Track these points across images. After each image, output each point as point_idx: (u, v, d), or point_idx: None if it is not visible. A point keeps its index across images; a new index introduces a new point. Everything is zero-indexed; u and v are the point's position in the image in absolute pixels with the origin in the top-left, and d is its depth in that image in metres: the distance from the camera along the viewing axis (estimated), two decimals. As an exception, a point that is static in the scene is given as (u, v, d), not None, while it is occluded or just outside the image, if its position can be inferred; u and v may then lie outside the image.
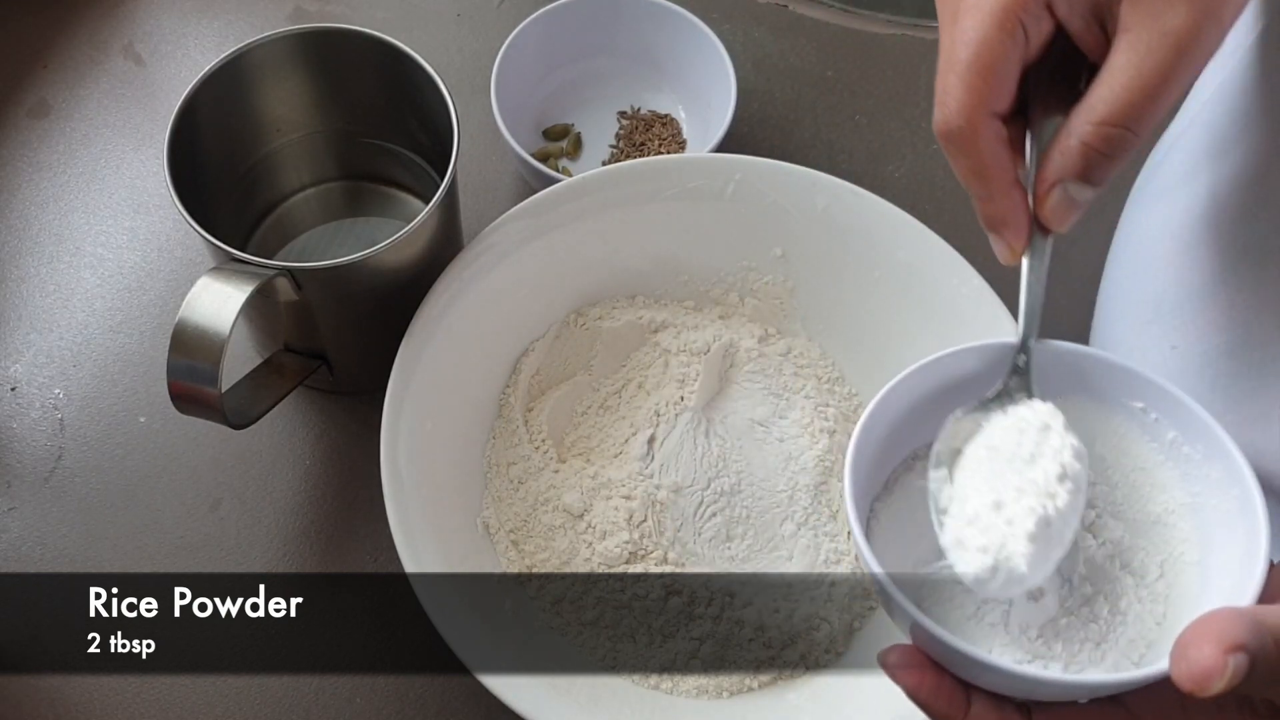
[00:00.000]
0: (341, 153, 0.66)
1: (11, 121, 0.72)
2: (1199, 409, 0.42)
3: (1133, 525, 0.44)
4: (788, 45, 0.76)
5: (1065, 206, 0.40)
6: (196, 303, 0.50)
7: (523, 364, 0.59)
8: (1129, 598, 0.42)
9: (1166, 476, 0.44)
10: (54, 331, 0.65)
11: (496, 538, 0.56)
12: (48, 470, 0.61)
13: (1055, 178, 0.40)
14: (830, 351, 0.61)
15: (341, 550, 0.59)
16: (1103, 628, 0.42)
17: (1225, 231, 0.50)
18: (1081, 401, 0.44)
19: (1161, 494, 0.44)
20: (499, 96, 0.67)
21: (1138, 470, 0.44)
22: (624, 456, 0.56)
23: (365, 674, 0.56)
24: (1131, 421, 0.44)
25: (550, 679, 0.50)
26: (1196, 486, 0.43)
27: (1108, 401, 0.44)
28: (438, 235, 0.57)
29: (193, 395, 0.51)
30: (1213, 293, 0.50)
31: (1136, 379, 0.43)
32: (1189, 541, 0.43)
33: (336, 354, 0.60)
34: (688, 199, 0.60)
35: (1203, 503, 0.42)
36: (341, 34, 0.59)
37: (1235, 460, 0.41)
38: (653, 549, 0.54)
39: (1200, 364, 0.50)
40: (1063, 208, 0.40)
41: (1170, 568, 0.43)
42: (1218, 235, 0.51)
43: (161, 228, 0.68)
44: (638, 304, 0.62)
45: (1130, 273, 0.57)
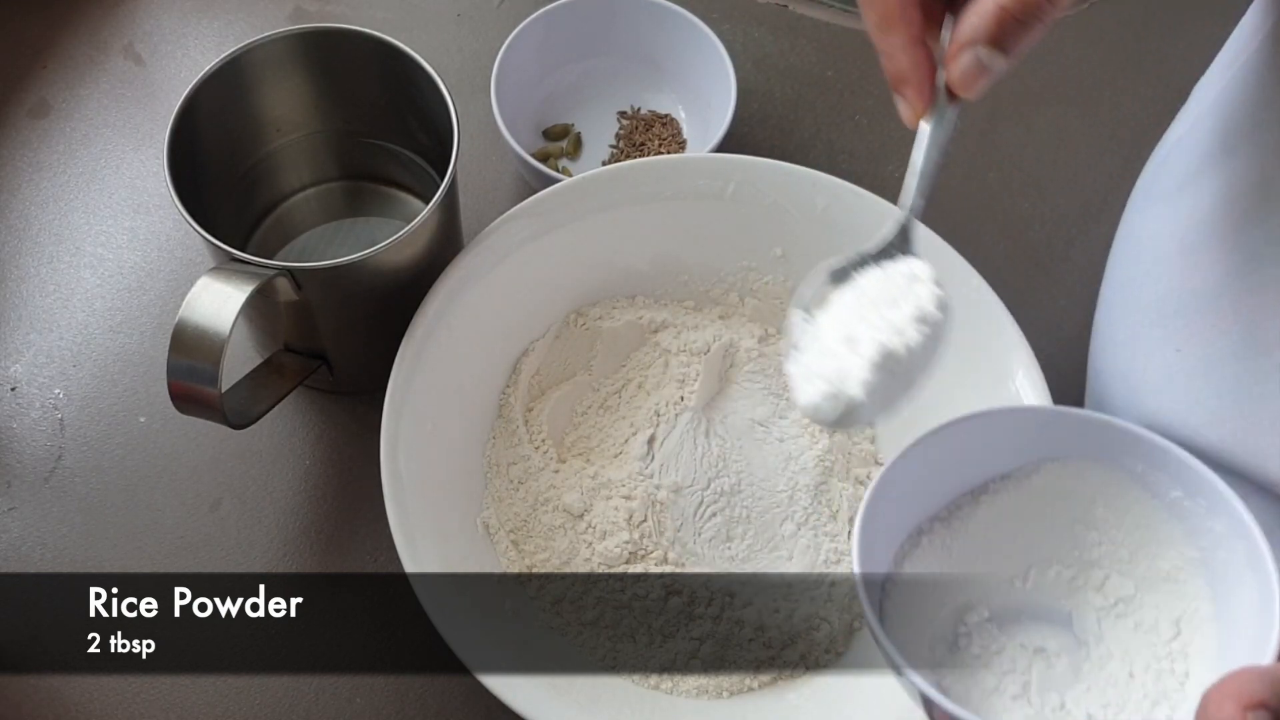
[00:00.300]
0: (341, 153, 0.66)
1: (11, 121, 0.72)
2: (1198, 464, 0.42)
3: (1143, 583, 0.44)
4: (788, 45, 0.76)
5: (975, 70, 0.39)
6: (196, 303, 0.50)
7: (523, 364, 0.59)
8: (1146, 657, 0.42)
9: (1172, 532, 0.44)
10: (54, 331, 0.65)
11: (496, 538, 0.56)
12: (48, 470, 0.61)
13: (967, 39, 0.39)
14: (830, 351, 0.61)
15: (341, 550, 0.59)
16: (1122, 691, 0.42)
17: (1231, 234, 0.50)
18: (1083, 463, 0.45)
19: (1169, 550, 0.44)
20: (499, 96, 0.67)
21: (1142, 528, 0.44)
22: (624, 456, 0.56)
23: (365, 674, 0.56)
24: (1133, 481, 0.44)
25: (550, 679, 0.50)
26: (1203, 541, 0.43)
27: (1108, 463, 0.44)
28: (438, 235, 0.57)
29: (193, 395, 0.51)
30: (1218, 296, 0.50)
31: (1138, 440, 0.43)
32: (1202, 597, 0.43)
33: (336, 354, 0.60)
34: (688, 199, 0.60)
35: (1211, 557, 0.42)
36: (341, 34, 0.59)
37: (1238, 512, 0.41)
38: (653, 549, 0.54)
39: (1205, 367, 0.50)
40: (973, 71, 0.39)
41: (1187, 625, 0.43)
42: (1223, 238, 0.50)
43: (161, 228, 0.68)
44: (638, 304, 0.62)
45: (1133, 275, 0.57)
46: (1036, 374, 0.54)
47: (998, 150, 0.72)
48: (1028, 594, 0.46)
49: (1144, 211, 0.58)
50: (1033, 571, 0.46)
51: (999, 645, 0.44)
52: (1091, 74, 0.75)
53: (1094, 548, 0.45)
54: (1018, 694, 0.42)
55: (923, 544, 0.45)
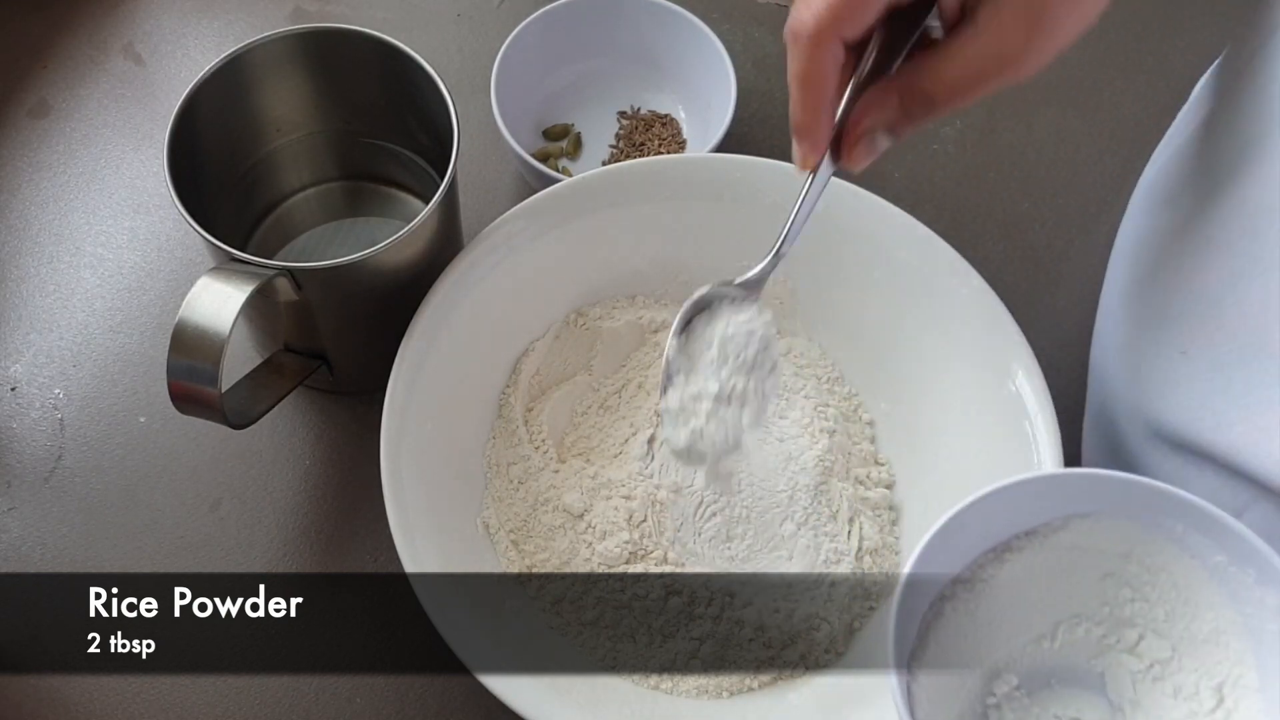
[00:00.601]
0: (341, 153, 0.66)
1: (11, 121, 0.72)
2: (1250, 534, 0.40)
3: (1180, 644, 0.42)
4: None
5: (867, 152, 0.45)
6: (196, 303, 0.50)
7: (523, 364, 0.59)
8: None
9: (1212, 595, 0.42)
10: (54, 331, 0.65)
11: (496, 538, 0.56)
12: (48, 470, 0.61)
13: (869, 126, 0.44)
14: (830, 351, 0.61)
15: (341, 550, 0.59)
16: None
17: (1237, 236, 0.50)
18: (1115, 521, 0.43)
19: (1209, 612, 0.42)
20: (499, 96, 0.67)
21: (1179, 588, 0.43)
22: (624, 456, 0.56)
23: (365, 674, 0.56)
24: (1170, 540, 0.43)
25: (550, 679, 0.50)
26: (1249, 608, 0.41)
27: (1143, 520, 0.43)
28: (438, 235, 0.57)
29: (193, 395, 0.51)
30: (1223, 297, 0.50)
31: (1180, 503, 0.42)
32: (1246, 664, 0.41)
33: (336, 354, 0.60)
34: (688, 199, 0.60)
35: (1258, 627, 0.41)
36: (341, 34, 0.59)
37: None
38: (653, 549, 0.54)
39: (1211, 369, 0.49)
40: (865, 153, 0.45)
41: (1230, 693, 0.41)
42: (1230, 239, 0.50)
43: (161, 228, 0.68)
44: (638, 304, 0.62)
45: (1137, 276, 0.57)
46: (1036, 374, 0.54)
47: (998, 150, 0.72)
48: (1057, 654, 0.44)
49: (1149, 212, 0.58)
50: (1061, 629, 0.44)
51: (1034, 716, 0.43)
52: (1091, 74, 0.75)
53: (1126, 604, 0.44)
54: None
55: (945, 611, 0.44)
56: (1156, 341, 0.53)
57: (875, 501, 0.57)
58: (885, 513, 0.57)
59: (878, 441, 0.60)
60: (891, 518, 0.57)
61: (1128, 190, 0.62)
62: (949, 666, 0.43)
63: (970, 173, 0.71)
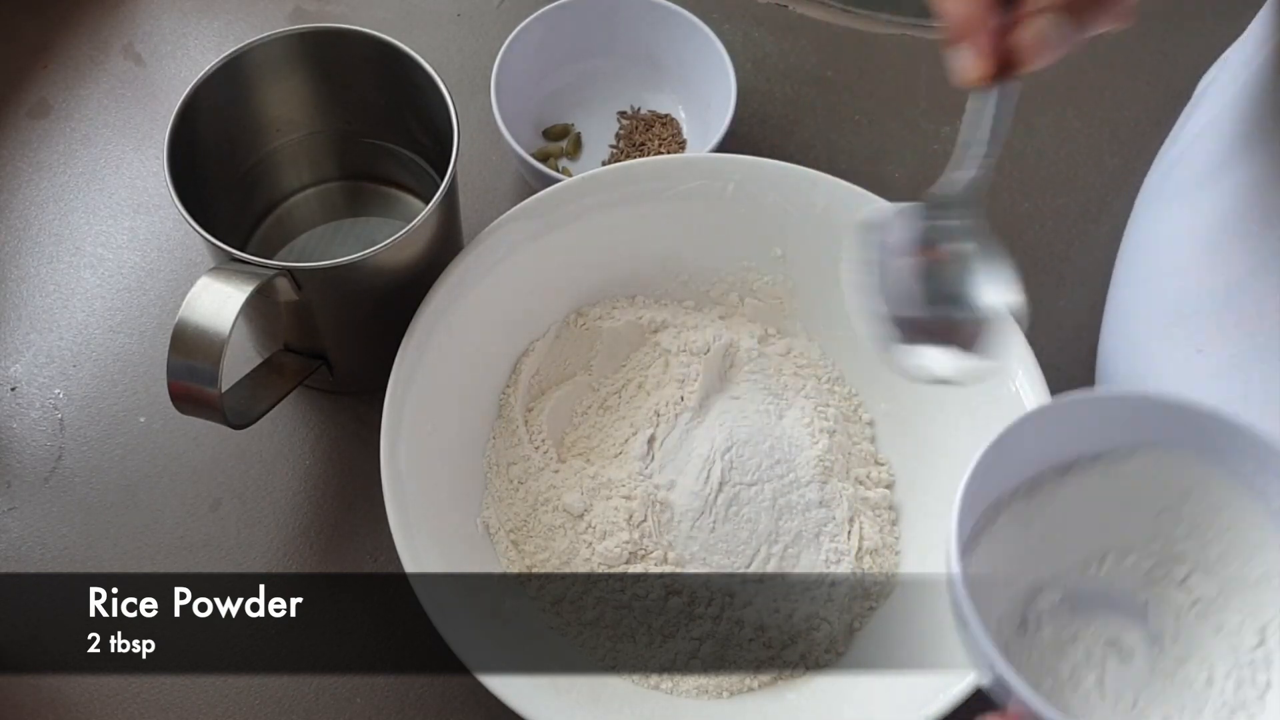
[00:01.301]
0: (341, 153, 0.66)
1: (11, 121, 0.72)
2: None
3: (1228, 585, 0.42)
4: (788, 45, 0.76)
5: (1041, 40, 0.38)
6: (196, 303, 0.50)
7: (523, 364, 0.59)
8: (1227, 663, 0.40)
9: (1270, 539, 0.41)
10: (54, 331, 0.65)
11: (496, 538, 0.56)
12: (48, 470, 0.61)
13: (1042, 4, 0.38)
14: (830, 351, 0.61)
15: (341, 550, 0.59)
16: (1199, 695, 0.40)
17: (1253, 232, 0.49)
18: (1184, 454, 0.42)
19: (1263, 555, 0.41)
20: (499, 96, 0.67)
21: (1236, 529, 0.42)
22: (624, 456, 0.56)
23: (365, 674, 0.56)
24: (1237, 480, 0.42)
25: (550, 679, 0.50)
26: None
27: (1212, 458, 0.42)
28: (438, 235, 0.57)
29: (193, 395, 0.51)
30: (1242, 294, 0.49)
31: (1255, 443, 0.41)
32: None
33: (336, 354, 0.60)
34: (688, 199, 0.60)
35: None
36: (341, 34, 0.59)
37: None
38: (653, 549, 0.54)
39: (1227, 367, 0.49)
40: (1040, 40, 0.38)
41: (1273, 635, 0.41)
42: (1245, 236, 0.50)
43: (161, 228, 0.68)
44: (638, 304, 0.62)
45: (1148, 275, 0.56)
46: (1036, 374, 0.54)
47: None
48: (1102, 580, 0.44)
49: (1158, 210, 0.58)
50: (1110, 557, 0.44)
51: (1072, 633, 0.42)
52: (1091, 74, 0.75)
53: (1180, 541, 0.43)
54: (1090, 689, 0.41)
55: (1000, 519, 0.43)
56: (1170, 340, 0.52)
57: (875, 501, 0.57)
58: (885, 513, 0.57)
59: (878, 441, 0.60)
60: (891, 518, 0.57)
61: (1128, 190, 0.62)
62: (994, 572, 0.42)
63: (970, 173, 0.71)
